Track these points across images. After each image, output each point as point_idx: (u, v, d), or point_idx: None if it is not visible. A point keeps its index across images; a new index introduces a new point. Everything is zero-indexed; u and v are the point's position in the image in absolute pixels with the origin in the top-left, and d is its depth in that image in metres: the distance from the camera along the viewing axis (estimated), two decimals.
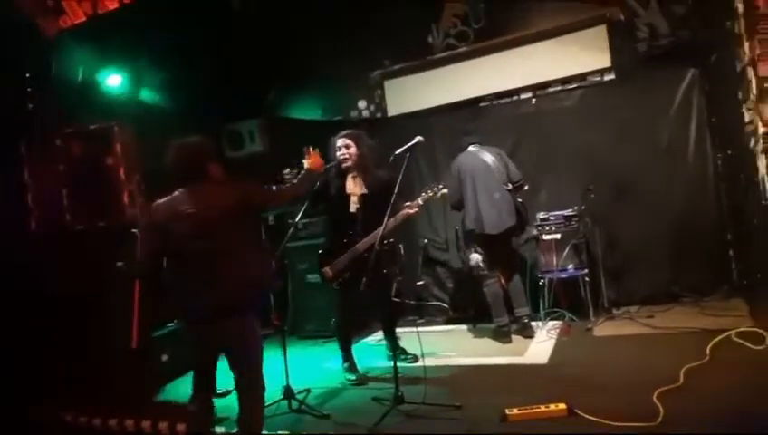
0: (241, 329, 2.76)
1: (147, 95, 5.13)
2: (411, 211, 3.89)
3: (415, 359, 4.28)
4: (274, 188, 3.35)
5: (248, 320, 2.79)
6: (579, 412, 2.96)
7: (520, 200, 4.75)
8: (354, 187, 4.04)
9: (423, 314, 5.97)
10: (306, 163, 3.36)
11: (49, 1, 4.21)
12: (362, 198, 4.01)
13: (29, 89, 4.20)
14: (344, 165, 4.01)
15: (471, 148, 4.82)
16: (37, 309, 4.20)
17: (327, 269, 4.03)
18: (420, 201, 3.89)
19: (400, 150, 3.68)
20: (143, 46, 4.72)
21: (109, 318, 4.29)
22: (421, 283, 6.01)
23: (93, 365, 4.13)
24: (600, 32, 5.16)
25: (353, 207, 4.01)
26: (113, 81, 4.75)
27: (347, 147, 4.01)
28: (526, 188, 4.87)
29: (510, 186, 4.68)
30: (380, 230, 3.50)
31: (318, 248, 4.31)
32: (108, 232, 4.34)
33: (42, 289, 4.25)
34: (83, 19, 4.16)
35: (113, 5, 4.14)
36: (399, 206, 3.82)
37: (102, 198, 4.31)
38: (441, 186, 4.00)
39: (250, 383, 2.80)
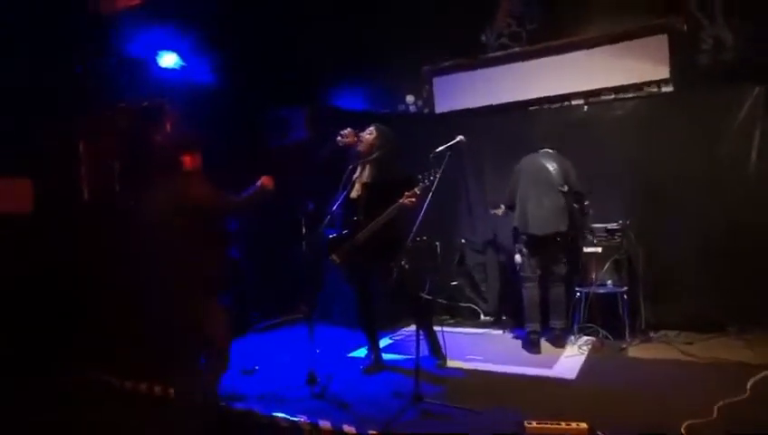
0: (194, 314, 3.06)
1: (198, 75, 5.23)
2: (404, 202, 3.81)
3: (444, 361, 4.26)
4: (230, 196, 3.35)
5: (199, 307, 3.06)
6: (600, 434, 2.87)
7: (576, 206, 4.64)
8: (361, 176, 4.09)
9: (454, 314, 5.93)
10: (261, 180, 3.38)
11: None
12: (364, 186, 4.04)
13: (87, 65, 4.38)
14: (358, 148, 4.06)
15: (539, 151, 4.78)
16: (84, 276, 4.41)
17: (334, 256, 4.07)
18: (417, 191, 3.79)
19: (441, 148, 3.67)
20: (197, 26, 4.83)
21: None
22: (455, 283, 5.97)
23: (126, 333, 4.29)
24: (661, 41, 4.95)
25: (354, 194, 4.06)
26: (167, 60, 4.87)
27: (369, 133, 4.08)
28: (587, 203, 4.75)
29: (566, 188, 4.58)
30: (379, 221, 3.75)
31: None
32: None
33: (92, 258, 4.45)
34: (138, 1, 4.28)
35: None
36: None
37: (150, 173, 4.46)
38: (434, 174, 3.80)
39: (210, 356, 3.13)
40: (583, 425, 2.93)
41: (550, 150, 4.78)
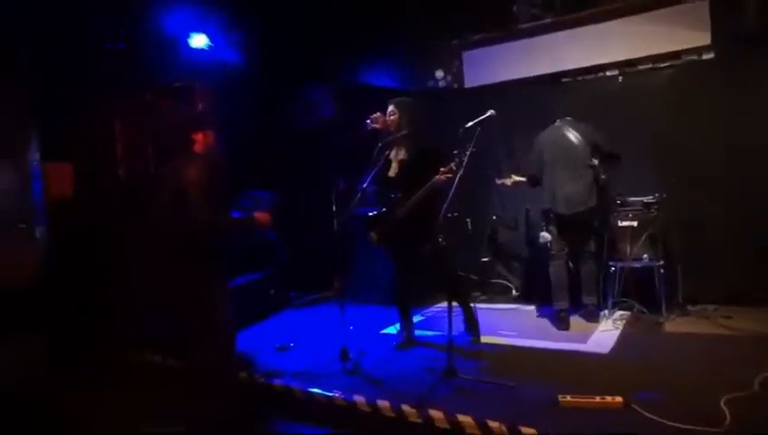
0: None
1: (226, 55, 5.25)
2: (440, 178, 3.76)
3: (477, 338, 4.26)
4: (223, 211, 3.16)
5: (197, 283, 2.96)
6: (636, 407, 2.85)
7: (604, 177, 4.43)
8: (396, 153, 4.09)
9: (486, 290, 5.93)
10: (258, 216, 3.26)
11: None
12: (401, 163, 4.04)
13: (122, 47, 4.45)
14: (389, 129, 4.04)
15: (557, 122, 4.67)
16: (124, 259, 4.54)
17: (372, 233, 4.10)
18: (453, 166, 3.72)
19: (471, 124, 3.63)
20: (223, 5, 4.84)
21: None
22: (486, 259, 5.96)
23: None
24: (701, 6, 4.74)
25: (392, 172, 4.07)
26: (197, 41, 4.90)
27: (392, 113, 4.06)
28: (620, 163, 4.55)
29: (595, 162, 4.40)
30: (417, 197, 3.75)
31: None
32: None
33: (128, 240, 4.57)
34: None
35: None
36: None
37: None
38: (468, 150, 3.69)
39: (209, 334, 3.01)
40: (618, 398, 2.92)
41: (568, 118, 4.64)
